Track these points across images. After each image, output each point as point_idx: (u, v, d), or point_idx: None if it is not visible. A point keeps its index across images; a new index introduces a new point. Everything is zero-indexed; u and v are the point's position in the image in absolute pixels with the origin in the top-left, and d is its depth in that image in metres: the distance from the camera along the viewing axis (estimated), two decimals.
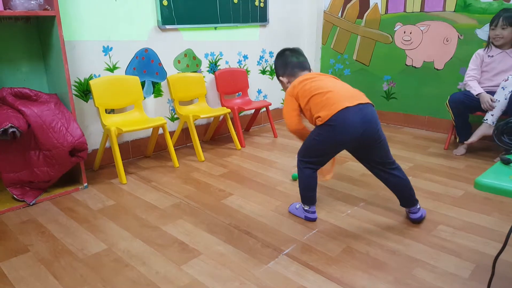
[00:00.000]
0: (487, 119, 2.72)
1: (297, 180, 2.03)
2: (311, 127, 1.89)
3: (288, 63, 2.03)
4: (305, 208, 1.99)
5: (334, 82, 1.87)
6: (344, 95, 1.77)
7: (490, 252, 1.69)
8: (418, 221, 1.95)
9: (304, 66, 2.02)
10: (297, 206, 2.07)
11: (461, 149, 2.99)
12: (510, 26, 2.75)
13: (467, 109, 2.87)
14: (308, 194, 1.96)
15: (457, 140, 3.01)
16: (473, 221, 1.98)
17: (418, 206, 1.95)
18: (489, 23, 2.92)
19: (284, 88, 2.07)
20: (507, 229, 1.87)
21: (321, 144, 1.81)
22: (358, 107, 1.74)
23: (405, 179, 1.90)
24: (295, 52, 2.07)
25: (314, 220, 1.99)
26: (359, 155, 1.92)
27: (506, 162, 1.05)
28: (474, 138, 2.77)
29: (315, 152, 1.87)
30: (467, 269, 1.59)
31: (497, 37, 2.81)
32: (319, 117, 1.76)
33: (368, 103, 1.79)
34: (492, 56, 2.87)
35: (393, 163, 1.89)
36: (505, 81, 2.66)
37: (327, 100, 1.75)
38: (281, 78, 2.07)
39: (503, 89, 2.65)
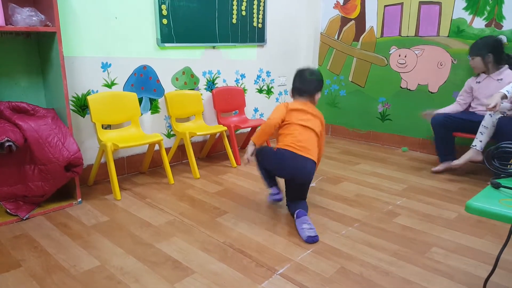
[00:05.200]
0: (475, 145, 2.77)
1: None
2: None
3: (295, 83, 2.33)
4: (270, 192, 2.34)
5: (303, 129, 2.19)
6: (296, 142, 2.15)
7: (482, 274, 1.70)
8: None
9: (301, 94, 2.31)
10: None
11: (439, 167, 3.09)
12: (476, 55, 2.95)
13: (447, 129, 3.00)
14: (266, 180, 2.36)
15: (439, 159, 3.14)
16: (466, 243, 1.99)
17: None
18: None
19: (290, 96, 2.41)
20: (498, 252, 1.89)
21: (273, 157, 2.22)
22: (301, 156, 2.12)
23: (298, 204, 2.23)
24: (304, 76, 2.30)
25: (279, 200, 2.35)
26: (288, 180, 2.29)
27: (496, 186, 1.07)
28: (461, 161, 2.84)
29: (269, 159, 2.26)
30: None
31: (472, 67, 3.03)
32: (280, 139, 2.21)
33: (305, 156, 2.13)
34: (479, 82, 3.00)
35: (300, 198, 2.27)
36: None
37: (291, 136, 2.17)
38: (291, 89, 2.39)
39: (491, 116, 2.70)
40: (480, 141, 2.75)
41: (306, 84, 2.28)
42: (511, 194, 1.02)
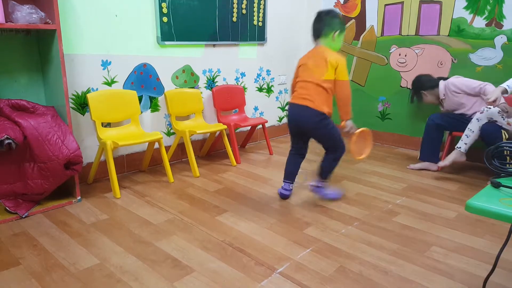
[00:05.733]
0: (460, 147, 2.82)
1: None
2: None
3: (312, 25, 2.34)
4: (282, 186, 2.53)
5: (304, 83, 2.31)
6: (297, 95, 2.33)
7: (481, 274, 1.70)
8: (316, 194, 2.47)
9: (316, 35, 2.34)
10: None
11: (417, 165, 3.18)
12: (419, 98, 3.24)
13: (439, 129, 3.07)
14: (285, 171, 2.52)
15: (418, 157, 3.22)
16: (465, 243, 1.99)
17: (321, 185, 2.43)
18: (482, 48, 3.15)
19: None
20: (498, 251, 1.89)
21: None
22: (297, 105, 2.30)
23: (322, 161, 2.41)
24: (319, 17, 2.31)
25: (284, 196, 2.51)
26: (302, 136, 2.44)
27: (496, 186, 1.07)
28: (446, 162, 2.89)
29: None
30: None
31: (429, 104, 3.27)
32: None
33: (304, 105, 2.27)
34: (443, 107, 3.19)
35: (326, 150, 2.40)
36: (481, 113, 2.73)
37: (295, 92, 2.37)
38: None
39: (478, 121, 2.74)
40: (465, 144, 2.81)
41: (319, 24, 2.28)
42: (511, 193, 1.02)
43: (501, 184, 1.06)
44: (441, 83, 3.10)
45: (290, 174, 2.49)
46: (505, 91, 2.49)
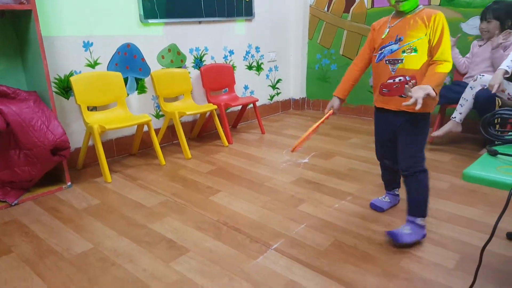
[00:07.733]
0: (455, 117, 2.81)
1: None
2: None
3: None
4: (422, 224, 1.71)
5: None
6: None
7: (474, 242, 1.72)
8: None
9: None
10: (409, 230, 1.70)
11: None
12: (495, 19, 2.75)
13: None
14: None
15: None
16: (457, 212, 2.00)
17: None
18: (473, 17, 3.05)
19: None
20: (491, 220, 1.91)
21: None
22: None
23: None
24: None
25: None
26: None
27: (493, 154, 1.06)
28: (440, 132, 2.87)
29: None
30: (452, 259, 1.61)
31: (483, 31, 2.86)
32: None
33: None
34: (480, 45, 2.93)
35: None
36: (474, 81, 2.70)
37: None
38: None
39: (471, 89, 2.70)
40: (460, 113, 2.79)
41: None
42: (509, 161, 1.00)
43: (498, 152, 1.05)
44: None
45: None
46: (506, 73, 2.40)
